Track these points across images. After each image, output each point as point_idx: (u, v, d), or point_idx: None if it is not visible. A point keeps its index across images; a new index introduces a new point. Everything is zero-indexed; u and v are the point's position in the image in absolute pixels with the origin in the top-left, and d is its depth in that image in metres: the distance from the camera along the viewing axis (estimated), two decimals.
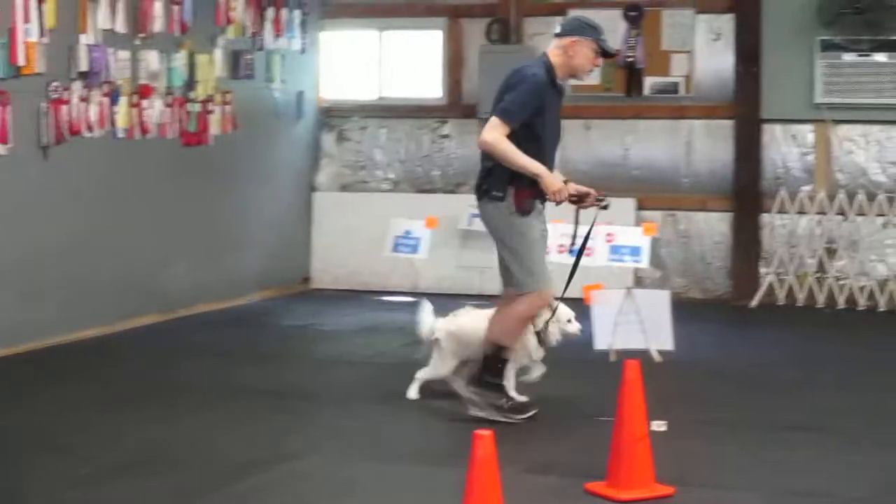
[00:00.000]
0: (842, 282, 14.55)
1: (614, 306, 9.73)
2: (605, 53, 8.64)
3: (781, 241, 14.69)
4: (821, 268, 14.63)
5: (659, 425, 7.85)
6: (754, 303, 14.55)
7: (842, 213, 14.52)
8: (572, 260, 8.65)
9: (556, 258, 9.71)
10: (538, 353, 8.76)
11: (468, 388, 8.54)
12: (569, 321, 8.76)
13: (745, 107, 14.86)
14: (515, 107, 8.19)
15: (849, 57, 14.40)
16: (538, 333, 8.64)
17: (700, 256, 15.11)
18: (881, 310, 14.30)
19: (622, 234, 10.88)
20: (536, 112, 8.26)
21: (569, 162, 15.30)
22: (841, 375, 10.43)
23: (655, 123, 15.17)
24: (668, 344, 9.91)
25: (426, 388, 9.16)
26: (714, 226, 15.03)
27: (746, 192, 14.81)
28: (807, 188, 14.71)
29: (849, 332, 13.02)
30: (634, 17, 15.12)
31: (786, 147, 14.85)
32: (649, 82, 15.16)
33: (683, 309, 10.98)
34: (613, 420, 6.70)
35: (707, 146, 15.12)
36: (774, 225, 14.75)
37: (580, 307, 9.11)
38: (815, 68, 14.50)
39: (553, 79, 8.44)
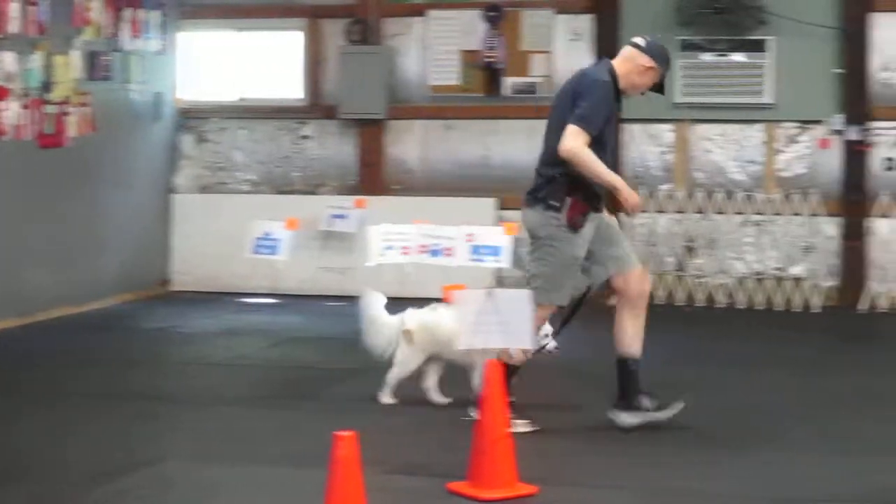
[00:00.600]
0: (701, 280, 14.82)
1: (475, 306, 9.79)
2: (659, 87, 8.57)
3: (641, 239, 14.89)
4: (680, 266, 14.87)
5: (522, 424, 7.93)
6: (614, 302, 14.71)
7: (700, 211, 14.79)
8: (428, 260, 8.69)
9: (404, 258, 9.75)
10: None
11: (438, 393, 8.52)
12: (546, 335, 8.83)
13: None
14: (593, 113, 8.01)
15: (707, 57, 14.68)
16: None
17: None
18: (739, 307, 14.58)
19: (483, 234, 10.94)
20: (605, 119, 8.15)
21: (429, 162, 15.40)
22: (701, 374, 10.60)
23: (516, 124, 15.30)
24: (528, 343, 9.99)
25: (398, 390, 9.15)
26: None
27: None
28: (666, 187, 14.94)
29: (708, 330, 13.26)
30: (494, 17, 15.25)
31: (645, 146, 15.07)
32: (509, 83, 15.30)
33: None
34: (475, 419, 6.76)
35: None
36: (634, 224, 14.96)
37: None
38: (673, 68, 14.68)
39: (617, 87, 8.32)
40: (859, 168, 14.49)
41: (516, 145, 15.29)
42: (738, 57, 14.69)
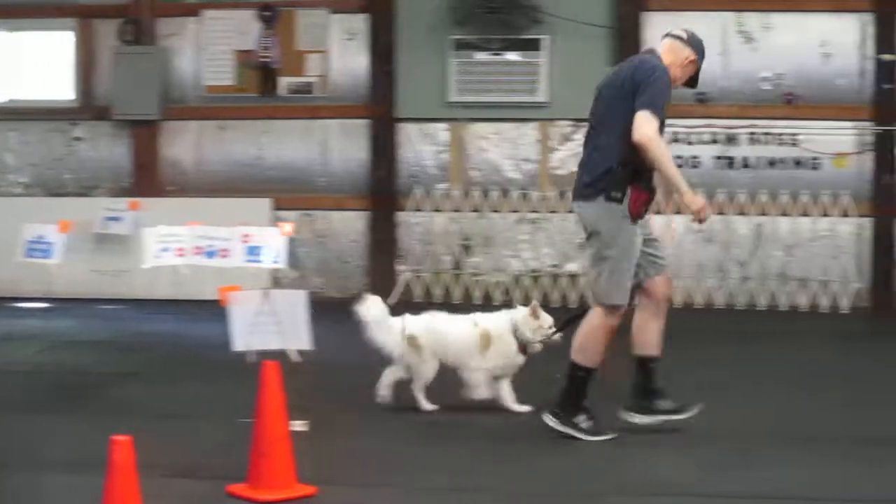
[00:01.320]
0: (477, 278, 15.08)
1: (251, 307, 9.82)
2: (693, 81, 8.42)
3: (417, 238, 15.11)
4: (457, 265, 15.12)
5: (300, 425, 8.00)
6: (391, 300, 14.89)
7: (476, 210, 15.06)
8: (204, 261, 8.64)
9: (180, 260, 9.72)
10: (518, 359, 8.85)
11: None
12: (550, 327, 8.80)
13: (379, 106, 15.23)
14: (659, 99, 7.87)
15: (482, 56, 14.93)
16: (521, 341, 8.75)
17: (337, 256, 15.42)
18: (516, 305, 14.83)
19: (259, 234, 10.99)
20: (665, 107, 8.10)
21: (204, 163, 15.36)
22: None
23: (290, 123, 15.39)
24: (305, 344, 10.07)
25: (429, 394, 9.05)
26: (350, 225, 15.36)
27: (382, 191, 15.19)
28: (442, 186, 15.17)
29: None
30: (269, 17, 15.29)
31: (421, 146, 15.27)
32: (284, 82, 15.35)
33: (322, 308, 11.14)
34: (253, 421, 6.81)
35: (343, 146, 15.44)
36: (410, 223, 15.19)
37: (217, 309, 9.18)
38: (448, 67, 14.97)
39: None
40: None
41: (291, 145, 15.39)
42: (512, 56, 15.00)
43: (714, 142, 14.89)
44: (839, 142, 14.66)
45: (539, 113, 14.97)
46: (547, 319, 8.80)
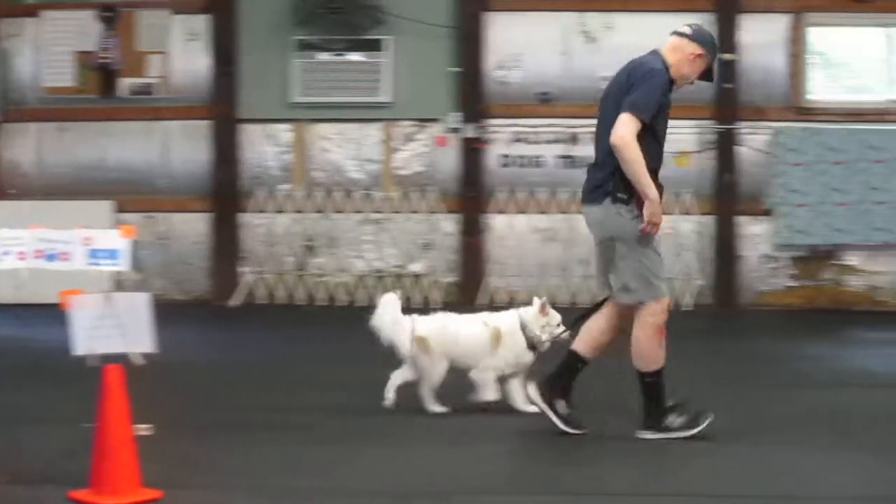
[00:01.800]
0: (321, 279, 15.11)
1: (93, 310, 9.72)
2: (709, 75, 8.35)
3: (260, 240, 15.09)
4: (300, 266, 15.13)
5: (145, 429, 7.94)
6: (235, 302, 14.89)
7: (320, 210, 15.10)
8: (45, 265, 8.49)
9: (21, 263, 9.58)
10: (527, 357, 8.81)
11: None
12: (558, 325, 8.78)
13: (221, 107, 15.19)
14: (646, 101, 7.87)
15: (324, 56, 14.96)
16: (530, 338, 8.72)
17: (180, 258, 15.33)
18: (360, 305, 14.90)
19: (100, 237, 10.85)
20: (660, 109, 8.02)
21: (45, 165, 15.16)
22: (321, 372, 10.81)
23: (132, 125, 15.27)
24: (148, 347, 9.99)
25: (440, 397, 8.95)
26: (193, 227, 15.29)
27: (225, 193, 15.14)
28: (285, 187, 15.17)
29: (329, 329, 13.54)
30: (109, 17, 15.15)
31: (263, 147, 15.26)
32: (125, 83, 15.21)
33: (165, 311, 11.04)
34: (96, 426, 6.75)
35: (184, 147, 15.36)
36: (253, 224, 15.17)
37: (58, 313, 9.05)
38: (291, 68, 14.98)
39: (670, 78, 8.17)
40: (476, 165, 15.09)
41: (132, 147, 15.29)
42: (355, 56, 15.06)
43: (556, 141, 15.09)
44: (681, 141, 14.90)
45: (382, 113, 15.07)
46: (555, 316, 8.84)
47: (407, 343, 8.80)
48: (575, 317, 8.71)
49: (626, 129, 7.79)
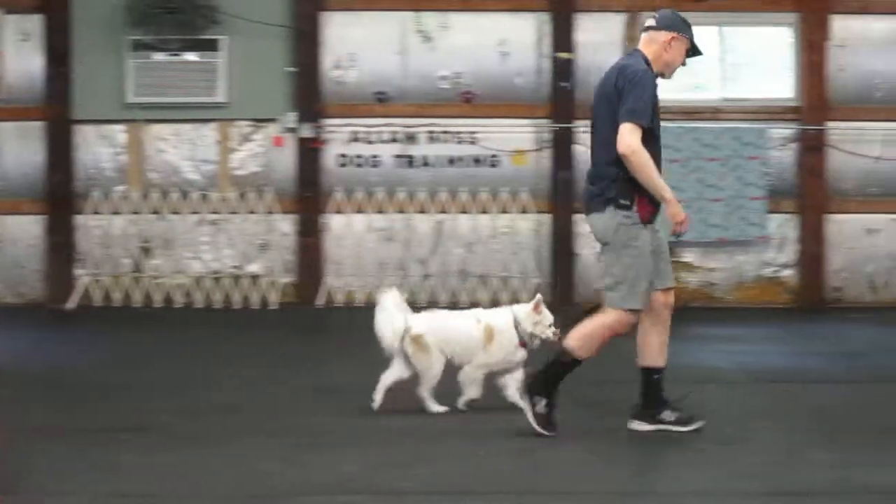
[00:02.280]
0: (158, 280, 15.12)
1: None
2: (694, 51, 8.42)
3: (96, 242, 15.07)
4: (137, 267, 15.13)
5: None
6: (71, 305, 14.84)
7: (156, 212, 15.13)
8: None
9: None
10: (519, 354, 8.89)
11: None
12: (549, 325, 8.86)
13: (55, 108, 15.20)
14: (642, 105, 8.00)
15: (160, 56, 15.02)
16: (522, 336, 8.81)
17: (14, 261, 15.31)
18: (198, 306, 14.97)
19: None
20: (653, 109, 8.13)
21: None
22: (160, 375, 10.82)
23: None
24: None
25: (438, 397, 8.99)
26: (27, 229, 15.27)
27: (59, 195, 15.14)
28: (120, 188, 15.17)
29: (167, 331, 13.73)
30: None
31: (98, 148, 15.26)
32: None
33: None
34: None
35: (18, 149, 15.34)
36: (89, 226, 15.15)
37: None
38: (126, 68, 15.00)
39: (656, 73, 8.29)
40: (313, 165, 15.24)
41: None
42: (190, 56, 15.13)
43: (394, 141, 15.32)
44: (518, 139, 15.26)
45: (218, 113, 15.18)
46: (548, 316, 8.99)
47: (393, 340, 8.92)
48: (572, 318, 8.82)
49: (631, 138, 7.93)
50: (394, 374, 8.97)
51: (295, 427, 8.66)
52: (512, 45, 15.43)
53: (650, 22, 8.41)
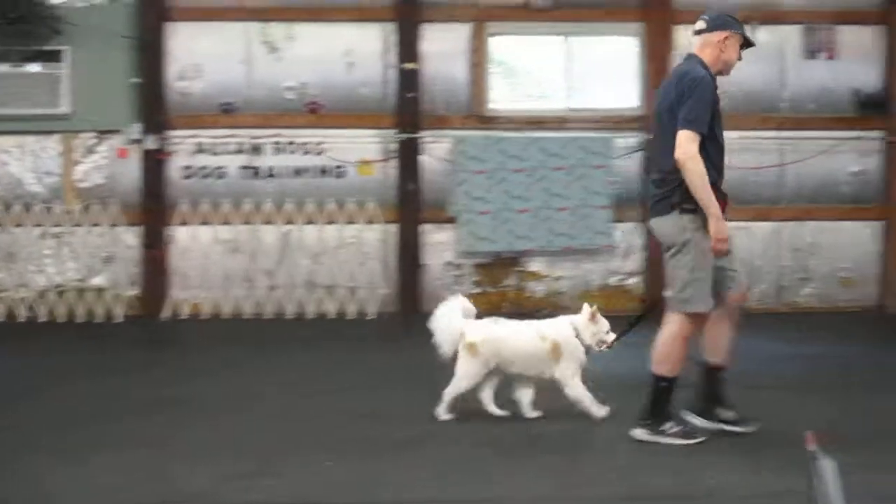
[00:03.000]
0: (1, 294, 15.19)
1: None
2: (748, 44, 8.72)
3: None
4: None
5: None
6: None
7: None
8: None
9: None
10: (585, 361, 9.25)
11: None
12: (607, 332, 9.20)
13: None
14: (701, 112, 8.25)
15: (2, 67, 15.13)
16: (586, 345, 9.18)
17: None
18: (42, 321, 15.07)
19: None
20: (713, 114, 8.37)
21: None
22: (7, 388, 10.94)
23: None
24: None
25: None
26: None
27: None
28: None
29: (13, 345, 13.75)
30: None
31: None
32: None
33: None
34: None
35: None
36: None
37: None
38: None
39: (714, 74, 8.56)
40: (158, 176, 15.47)
41: None
42: (33, 67, 15.26)
43: (239, 152, 15.58)
44: (364, 150, 15.60)
45: (62, 125, 15.44)
46: (605, 323, 9.33)
47: (449, 346, 9.28)
48: (626, 325, 9.18)
49: (689, 145, 8.21)
50: (489, 386, 9.39)
51: (143, 438, 8.84)
52: (358, 55, 15.84)
53: (701, 25, 8.68)
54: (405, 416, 9.50)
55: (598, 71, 16.58)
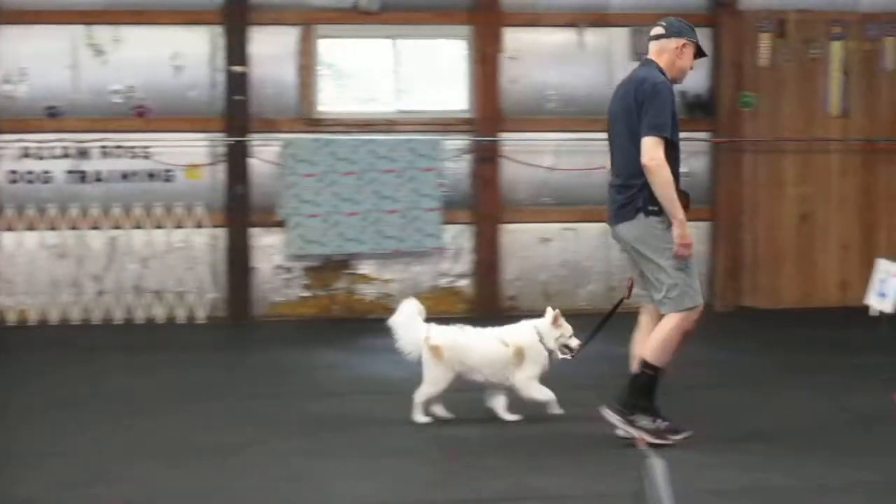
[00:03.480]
0: None
1: None
2: (701, 52, 9.00)
3: None
4: None
5: None
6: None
7: None
8: None
9: None
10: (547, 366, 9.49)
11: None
12: (570, 336, 9.44)
13: None
14: (664, 118, 8.58)
15: None
16: (550, 350, 9.43)
17: None
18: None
19: None
20: (672, 119, 8.66)
21: None
22: None
23: None
24: None
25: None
26: None
27: None
28: None
29: None
30: None
31: None
32: None
33: None
34: None
35: None
36: None
37: None
38: None
39: (671, 79, 8.84)
40: None
41: None
42: None
43: (66, 156, 15.71)
44: (192, 153, 15.80)
45: None
46: (568, 328, 9.62)
47: (412, 348, 9.64)
48: (592, 330, 9.51)
49: (655, 151, 8.52)
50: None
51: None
52: (186, 58, 16.06)
53: (659, 31, 9.02)
54: (235, 423, 9.74)
55: (428, 73, 16.96)
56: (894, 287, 10.16)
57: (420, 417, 9.63)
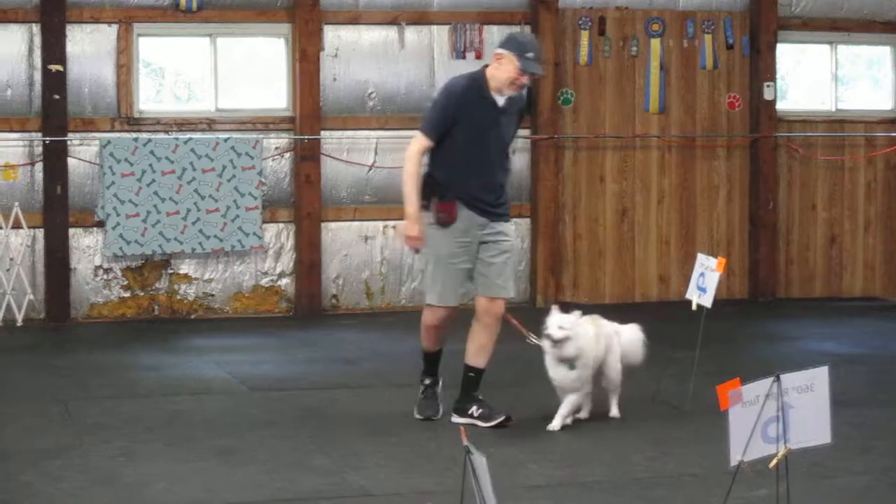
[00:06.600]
0: None
1: None
2: (525, 71, 9.64)
3: None
4: None
5: None
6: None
7: None
8: None
9: None
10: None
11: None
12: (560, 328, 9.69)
13: None
14: (427, 120, 9.79)
15: None
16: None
17: None
18: None
19: None
20: (453, 123, 9.60)
21: None
22: None
23: None
24: None
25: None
26: None
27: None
28: None
29: None
30: None
31: None
32: None
33: None
34: None
35: None
36: None
37: None
38: None
39: (481, 89, 9.70)
40: None
41: None
42: None
43: None
44: (8, 154, 16.71)
45: None
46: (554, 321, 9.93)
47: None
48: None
49: (411, 146, 9.77)
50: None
51: None
52: (1, 56, 16.83)
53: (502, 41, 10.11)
54: (49, 426, 10.30)
55: (248, 72, 18.06)
56: (713, 282, 10.78)
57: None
